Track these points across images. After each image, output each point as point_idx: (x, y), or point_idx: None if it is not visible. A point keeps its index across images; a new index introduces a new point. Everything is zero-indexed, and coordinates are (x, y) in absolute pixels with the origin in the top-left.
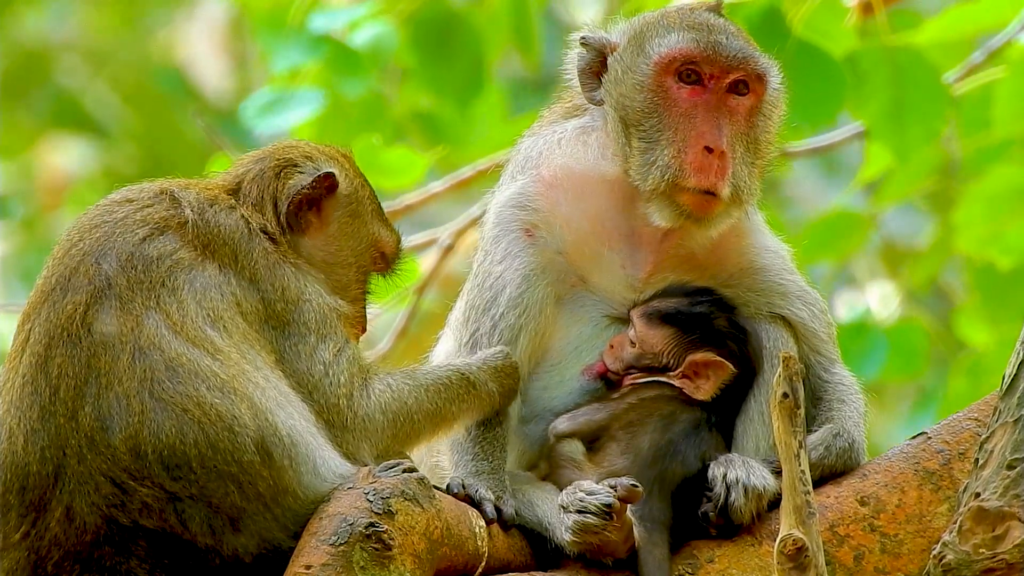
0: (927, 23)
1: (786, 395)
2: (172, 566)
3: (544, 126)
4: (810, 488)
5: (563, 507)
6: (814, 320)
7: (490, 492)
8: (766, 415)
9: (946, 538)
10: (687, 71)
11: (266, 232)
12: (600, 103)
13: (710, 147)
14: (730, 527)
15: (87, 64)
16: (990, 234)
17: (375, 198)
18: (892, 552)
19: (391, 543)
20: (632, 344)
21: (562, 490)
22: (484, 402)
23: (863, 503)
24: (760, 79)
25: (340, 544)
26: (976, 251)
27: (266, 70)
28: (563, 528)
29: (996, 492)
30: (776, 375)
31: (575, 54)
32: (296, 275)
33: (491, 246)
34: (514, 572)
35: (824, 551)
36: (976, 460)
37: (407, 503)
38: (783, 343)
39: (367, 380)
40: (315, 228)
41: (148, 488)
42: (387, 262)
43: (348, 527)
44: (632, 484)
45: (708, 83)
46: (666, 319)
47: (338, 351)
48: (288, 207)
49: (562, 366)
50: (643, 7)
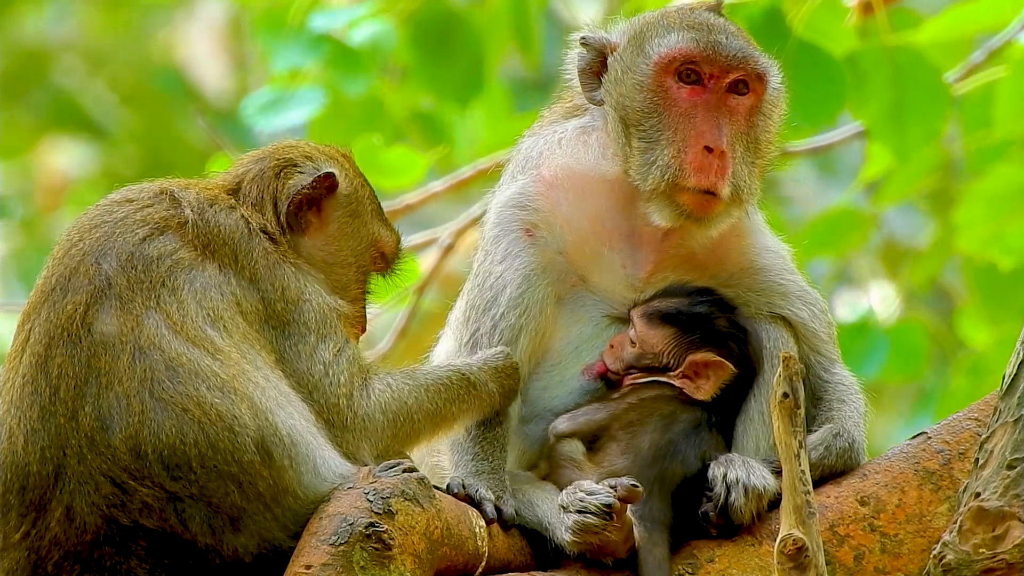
0: (927, 22)
1: (786, 395)
2: (172, 566)
3: (544, 126)
4: (810, 488)
5: (563, 507)
6: (814, 320)
7: (490, 492)
8: (766, 415)
9: (946, 538)
10: (687, 71)
11: (266, 232)
12: (600, 103)
13: (710, 147)
14: (730, 527)
15: (86, 64)
16: (991, 234)
17: (375, 198)
18: (892, 552)
19: (391, 543)
20: (632, 344)
21: (562, 490)
22: (484, 402)
23: (863, 503)
24: (760, 79)
25: (340, 544)
26: (977, 251)
27: (266, 70)
28: (563, 528)
29: (996, 492)
30: (776, 375)
31: (575, 54)
32: (296, 275)
33: (491, 246)
34: (514, 572)
35: (824, 551)
36: (976, 460)
37: (407, 503)
38: (783, 343)
39: (367, 380)
40: (315, 228)
41: (148, 488)
42: (387, 262)
43: (348, 527)
44: (632, 484)
45: (708, 83)
46: (666, 319)
47: (338, 351)
48: (288, 207)
49: (562, 366)
50: (643, 7)
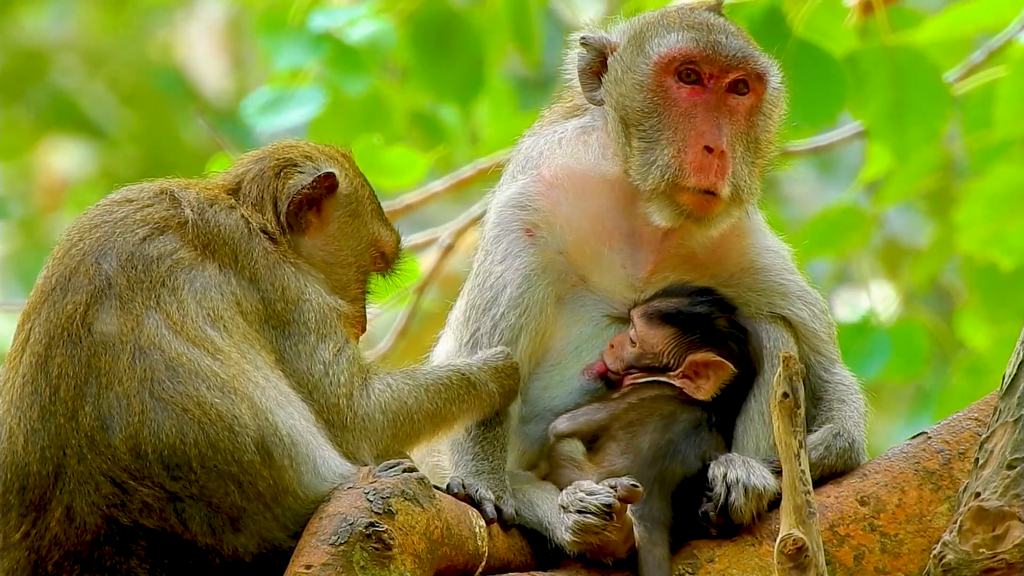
0: (927, 22)
1: (786, 395)
2: (172, 566)
3: (545, 126)
4: (810, 488)
5: (563, 507)
6: (815, 320)
7: (490, 492)
8: (766, 415)
9: (946, 538)
10: (687, 71)
11: (266, 232)
12: (600, 103)
13: (710, 147)
14: (730, 527)
15: (85, 64)
16: (992, 234)
17: (375, 198)
18: (892, 552)
19: (391, 543)
20: (632, 344)
21: (562, 490)
22: (484, 402)
23: (863, 503)
24: (760, 78)
25: (340, 544)
26: (978, 251)
27: (265, 70)
28: (563, 528)
29: (996, 492)
30: (776, 375)
31: (575, 54)
32: (296, 275)
33: (492, 246)
34: (514, 572)
35: (824, 551)
36: (976, 460)
37: (407, 503)
38: (783, 343)
39: (367, 380)
40: (315, 228)
41: (148, 488)
42: (387, 262)
43: (348, 527)
44: (632, 484)
45: (708, 83)
46: (667, 319)
47: (338, 351)
48: (288, 207)
49: (562, 366)
50: (643, 7)
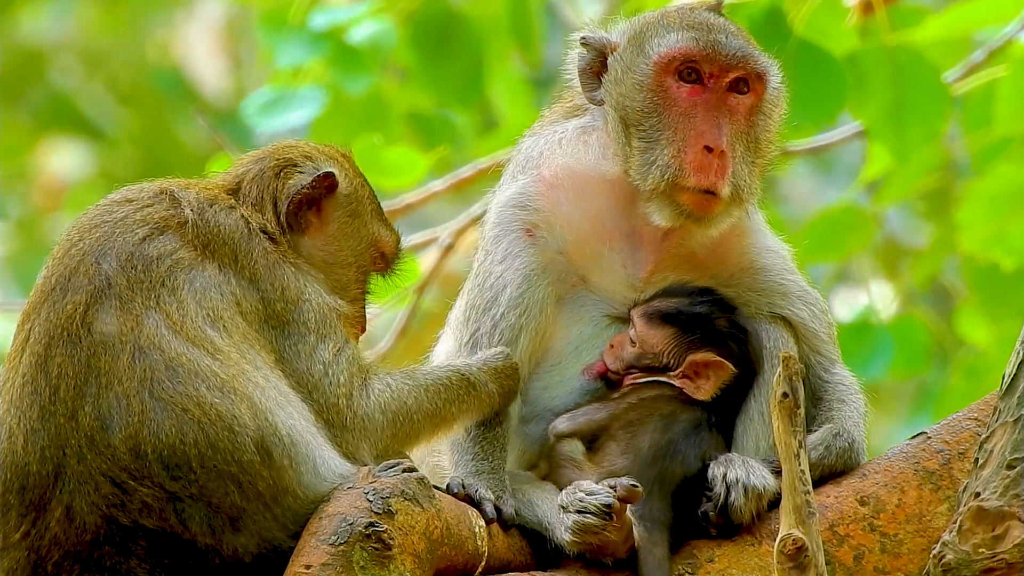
0: (928, 21)
1: (786, 395)
2: (172, 566)
3: (545, 126)
4: (810, 488)
5: (563, 507)
6: (814, 320)
7: (490, 492)
8: (766, 415)
9: (946, 538)
10: (687, 70)
11: (266, 232)
12: (600, 103)
13: (710, 146)
14: (730, 527)
15: (84, 64)
16: (992, 234)
17: (375, 198)
18: (892, 552)
19: (391, 543)
20: (632, 344)
21: (562, 490)
22: (484, 403)
23: (863, 503)
24: (760, 78)
25: (340, 544)
26: (979, 251)
27: (265, 70)
28: (563, 528)
29: (996, 492)
30: (776, 375)
31: (575, 54)
32: (296, 275)
33: (492, 246)
34: (514, 572)
35: (824, 551)
36: (976, 460)
37: (407, 503)
38: (783, 343)
39: (367, 380)
40: (315, 228)
41: (148, 488)
42: (387, 262)
43: (348, 527)
44: (632, 484)
45: (708, 82)
46: (667, 319)
47: (338, 351)
48: (288, 207)
49: (562, 366)
50: (643, 7)
